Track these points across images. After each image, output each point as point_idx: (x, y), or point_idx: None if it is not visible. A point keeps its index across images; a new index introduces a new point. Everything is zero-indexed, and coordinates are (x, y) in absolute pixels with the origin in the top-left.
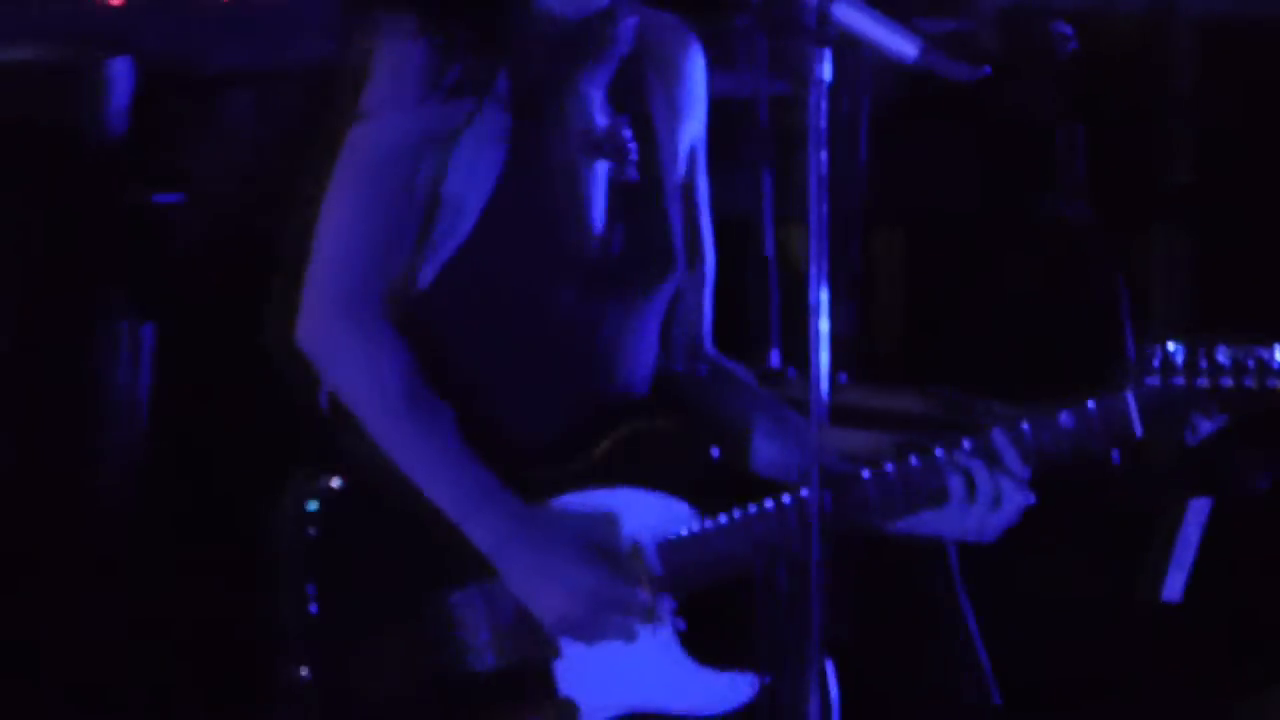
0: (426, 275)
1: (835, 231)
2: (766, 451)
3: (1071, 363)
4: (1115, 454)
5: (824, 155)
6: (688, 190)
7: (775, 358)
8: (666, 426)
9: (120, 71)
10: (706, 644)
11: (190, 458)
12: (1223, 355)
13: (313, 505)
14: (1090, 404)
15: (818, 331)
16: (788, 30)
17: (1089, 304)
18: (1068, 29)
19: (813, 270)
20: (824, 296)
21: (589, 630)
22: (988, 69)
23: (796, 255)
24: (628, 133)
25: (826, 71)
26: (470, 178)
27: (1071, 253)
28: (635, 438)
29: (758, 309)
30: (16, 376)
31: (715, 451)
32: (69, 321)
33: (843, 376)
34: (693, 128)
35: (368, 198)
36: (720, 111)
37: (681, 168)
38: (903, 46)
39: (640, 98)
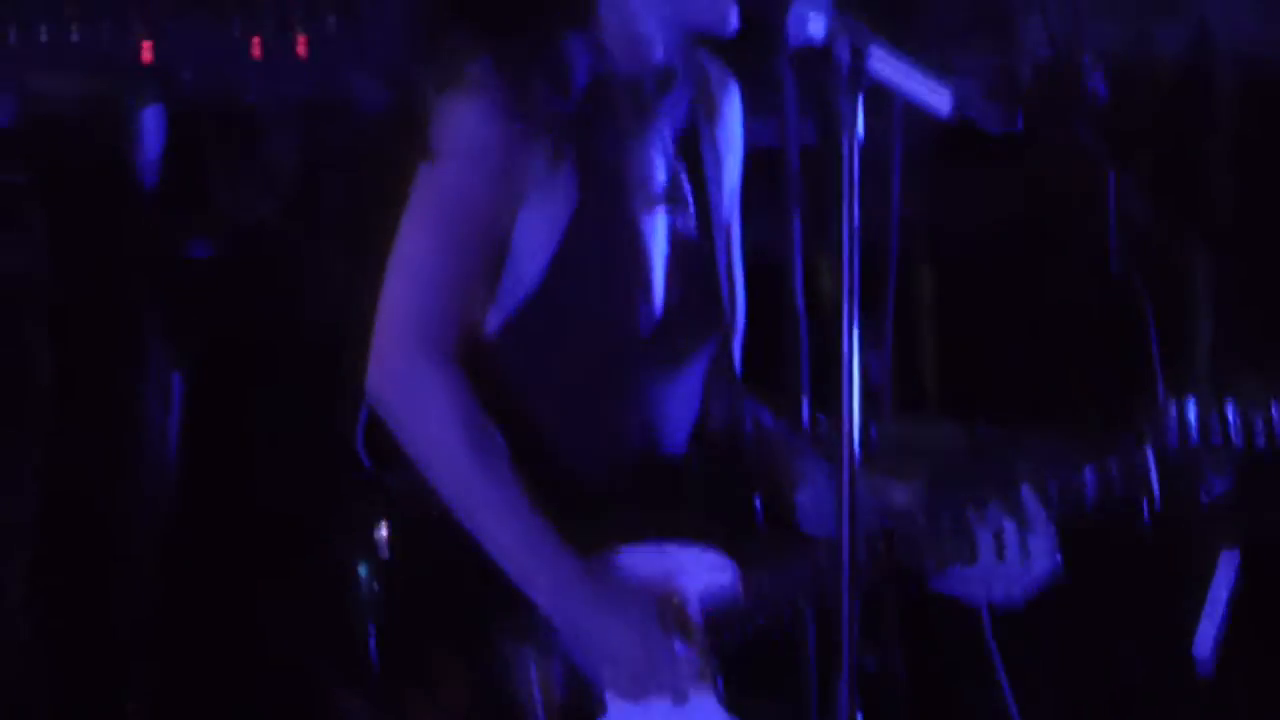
0: (494, 323)
1: (867, 278)
2: (809, 503)
3: (1103, 402)
4: (1144, 512)
5: (856, 203)
6: (727, 235)
7: (805, 406)
8: (711, 479)
9: (152, 122)
10: (745, 697)
11: (219, 505)
12: (1232, 413)
13: (365, 560)
14: (1112, 461)
15: (849, 379)
16: (821, 78)
17: (1121, 345)
18: (1099, 72)
19: (844, 317)
20: (855, 343)
21: (640, 689)
22: (1020, 121)
23: (827, 301)
24: (686, 183)
25: (859, 121)
26: (538, 228)
27: (1106, 293)
28: (682, 491)
29: (787, 356)
30: (51, 422)
31: (758, 503)
32: (101, 368)
33: (873, 428)
34: (733, 171)
35: (443, 241)
36: (751, 158)
37: (726, 213)
38: (937, 99)
39: (692, 144)
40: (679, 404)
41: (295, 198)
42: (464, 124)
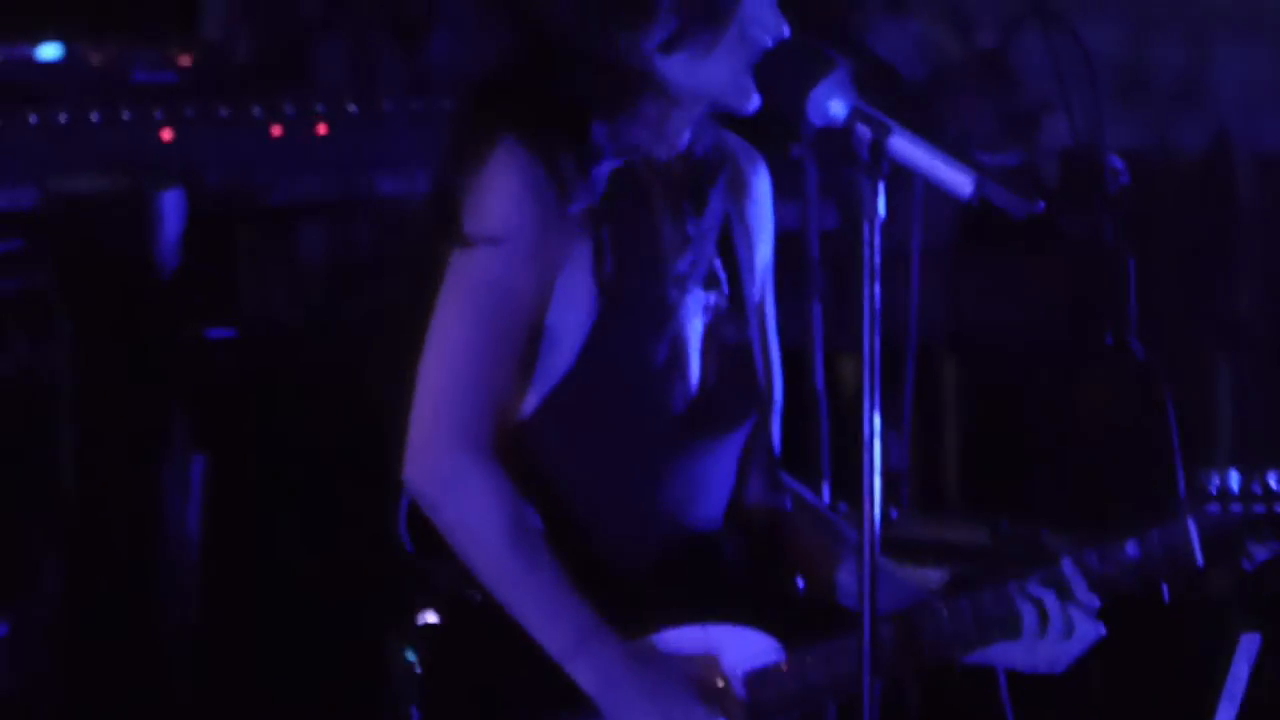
0: (530, 405)
1: (888, 363)
2: (850, 584)
3: (1123, 494)
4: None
5: (878, 288)
6: (761, 314)
7: (826, 491)
8: (752, 560)
9: (171, 204)
10: None
11: (241, 590)
12: (1275, 482)
13: (412, 646)
14: (1154, 533)
15: (870, 464)
16: (843, 162)
17: (1141, 435)
18: (1120, 163)
19: (865, 402)
20: (876, 429)
21: None
22: (1042, 204)
23: (849, 387)
24: (718, 262)
25: (881, 204)
26: (571, 311)
27: (1125, 384)
28: (722, 570)
29: (810, 441)
30: (74, 506)
31: (800, 583)
32: (124, 451)
33: (894, 513)
34: (765, 250)
35: (480, 330)
36: (776, 240)
37: (759, 291)
38: (958, 181)
39: (724, 224)
40: (715, 483)
41: (319, 286)
42: (496, 207)
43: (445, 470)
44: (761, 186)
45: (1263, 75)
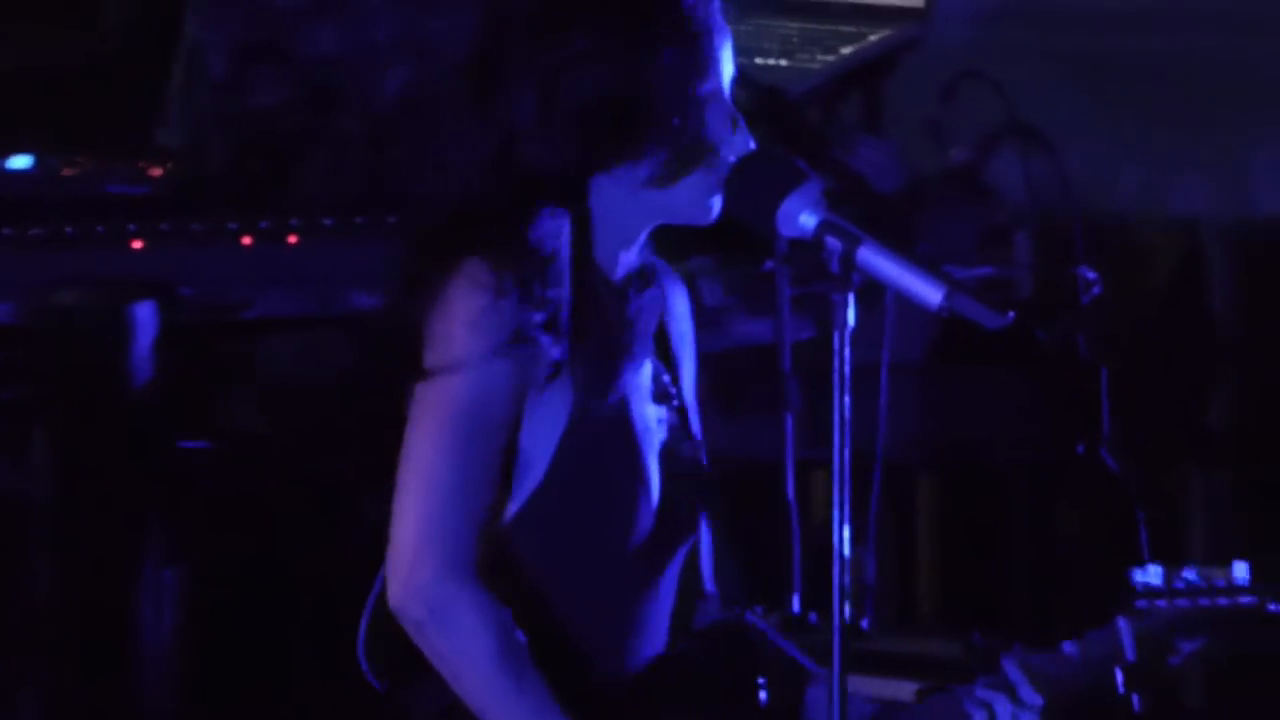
0: (507, 515)
1: (858, 476)
2: (819, 699)
3: (1096, 606)
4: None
5: (848, 400)
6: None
7: (796, 603)
8: (716, 674)
9: (144, 316)
10: None
11: (216, 704)
12: (1194, 575)
13: None
14: (1089, 633)
15: (839, 578)
16: (813, 275)
17: (1114, 547)
18: (1093, 275)
19: (835, 515)
20: (846, 542)
21: None
22: (1012, 315)
23: (821, 499)
24: (666, 378)
25: (850, 316)
26: (540, 429)
27: (1098, 496)
28: (691, 683)
29: (779, 553)
30: (48, 618)
31: (763, 696)
32: (98, 565)
33: (864, 623)
34: (690, 370)
35: (461, 454)
36: (746, 355)
37: (692, 408)
38: (928, 292)
39: (664, 344)
40: (665, 595)
41: (292, 399)
42: (467, 331)
43: (435, 599)
44: (681, 306)
45: (1236, 197)
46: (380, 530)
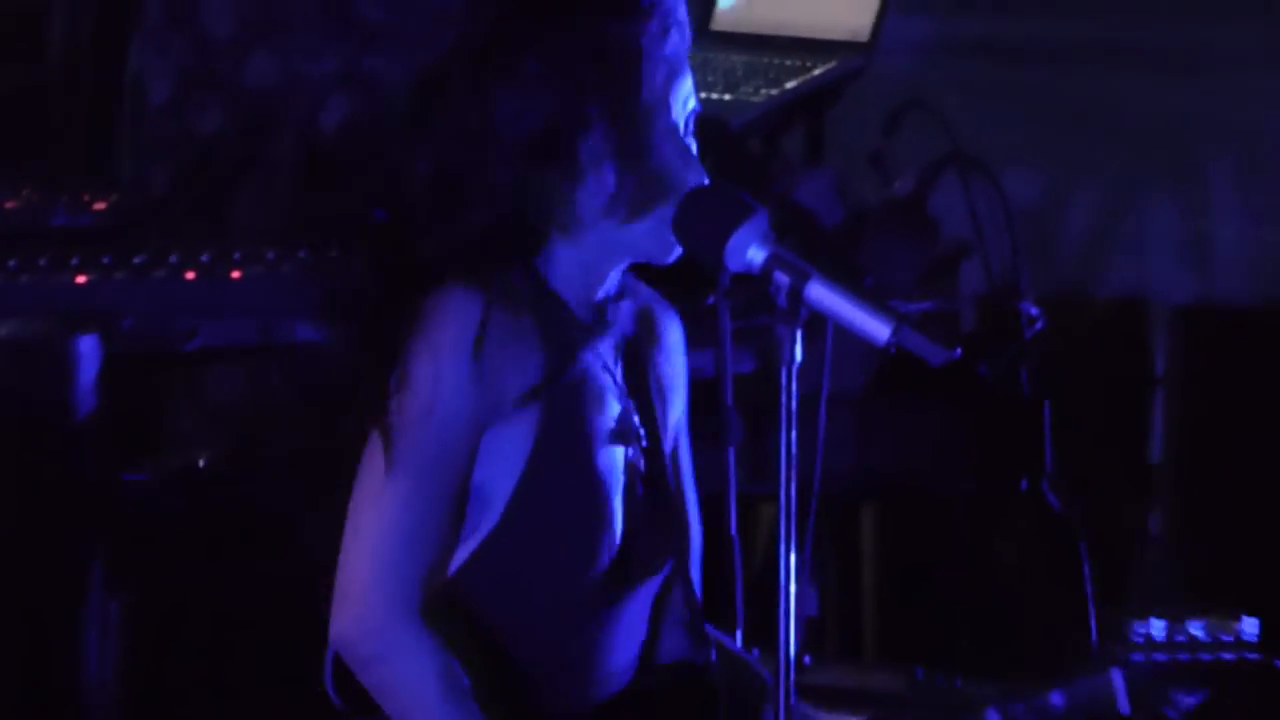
0: (457, 561)
1: (803, 510)
2: None
3: (1038, 641)
4: None
5: (794, 434)
6: (675, 465)
7: (739, 638)
8: (674, 712)
9: (87, 349)
10: None
11: None
12: (1199, 630)
13: None
14: (1079, 682)
15: (786, 611)
16: (759, 310)
17: (1056, 582)
18: (1036, 310)
19: (780, 549)
20: (791, 575)
21: None
22: (959, 351)
23: (764, 533)
24: (635, 417)
25: (798, 351)
26: (498, 465)
27: (1040, 531)
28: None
29: (722, 588)
30: None
31: None
32: (40, 596)
33: (807, 659)
34: (679, 403)
35: (412, 493)
36: (692, 388)
37: (672, 443)
38: (875, 327)
39: (641, 380)
40: (629, 633)
41: (236, 431)
42: (427, 363)
43: (383, 638)
44: (674, 339)
45: (1178, 229)
46: (325, 562)
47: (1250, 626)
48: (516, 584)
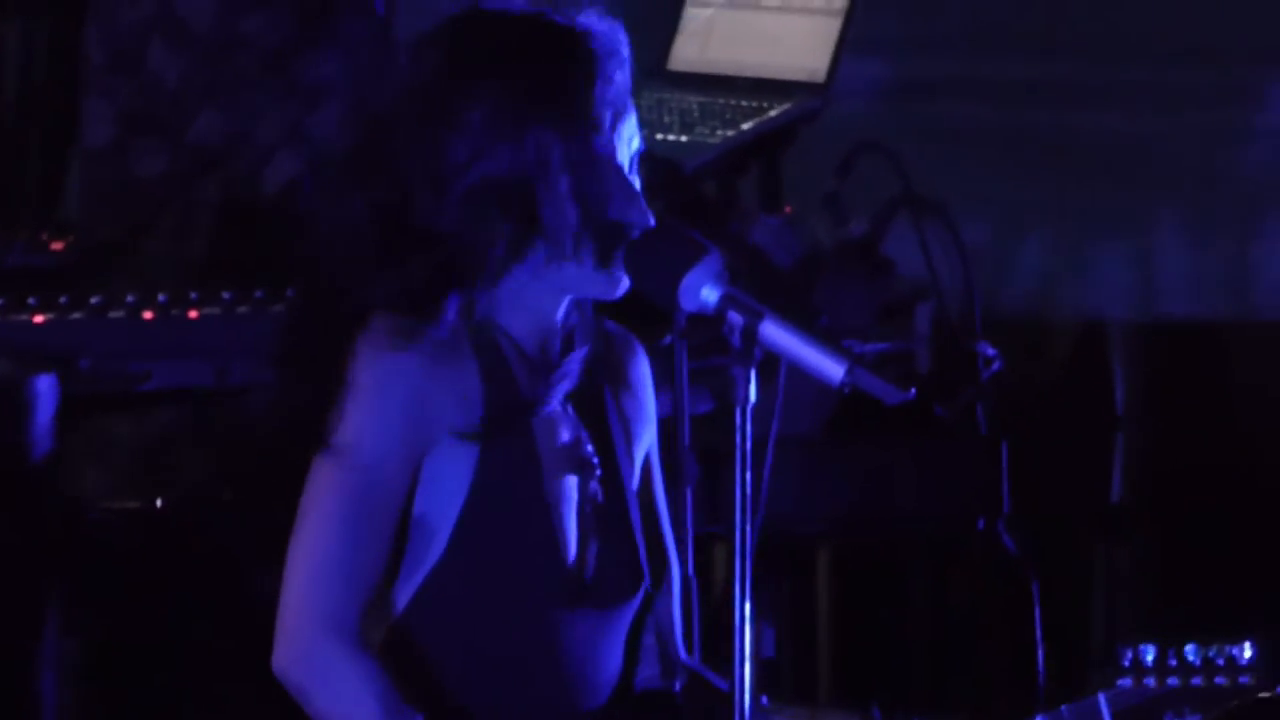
0: (401, 600)
1: (759, 550)
2: None
3: (993, 681)
4: None
5: (749, 474)
6: (645, 501)
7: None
8: None
9: (45, 388)
10: None
11: None
12: (1193, 654)
13: None
14: (1064, 709)
15: (740, 651)
16: (713, 350)
17: (1011, 623)
18: (992, 350)
19: (735, 589)
20: (747, 617)
21: None
22: (914, 391)
23: (717, 573)
24: (589, 448)
25: (752, 391)
26: (438, 499)
27: (995, 572)
28: None
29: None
30: None
31: None
32: None
33: (764, 699)
34: (646, 439)
35: (347, 516)
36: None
37: (637, 479)
38: (830, 366)
39: (598, 411)
40: (601, 666)
41: (193, 468)
42: (364, 392)
43: (315, 659)
44: (639, 373)
45: (1131, 264)
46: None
47: (1247, 651)
48: (468, 617)
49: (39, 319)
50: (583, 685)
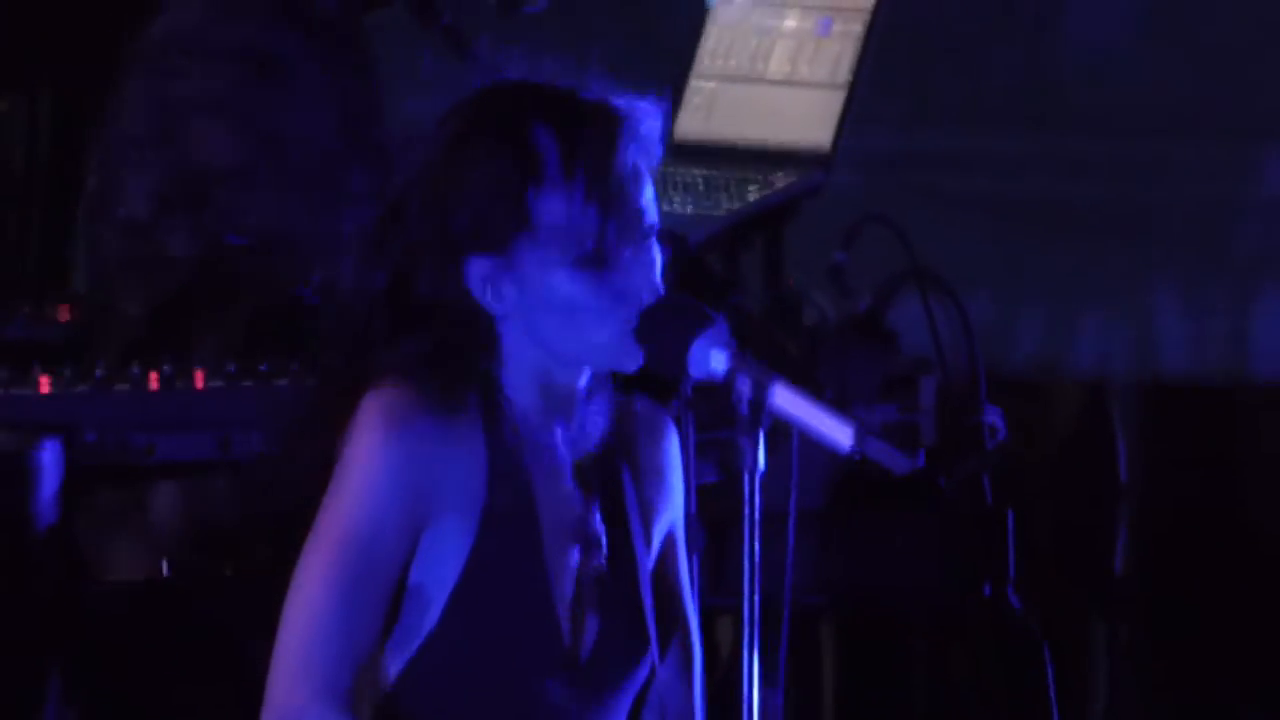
0: (394, 669)
1: (768, 621)
2: None
3: None
4: None
5: (758, 544)
6: (663, 578)
7: None
8: None
9: (49, 459)
10: None
11: None
12: None
13: None
14: None
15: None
16: (722, 419)
17: (1018, 692)
18: (998, 419)
19: (744, 659)
20: (755, 685)
21: None
22: (922, 459)
23: (724, 644)
24: (598, 520)
25: (761, 459)
26: (435, 569)
27: (1002, 640)
28: None
29: None
30: None
31: None
32: None
33: None
34: (668, 516)
35: (342, 583)
36: None
37: (655, 556)
38: (838, 435)
39: (612, 485)
40: None
41: (191, 543)
42: (363, 458)
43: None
44: (666, 453)
45: (1133, 330)
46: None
47: None
48: (459, 689)
49: (43, 390)
50: None
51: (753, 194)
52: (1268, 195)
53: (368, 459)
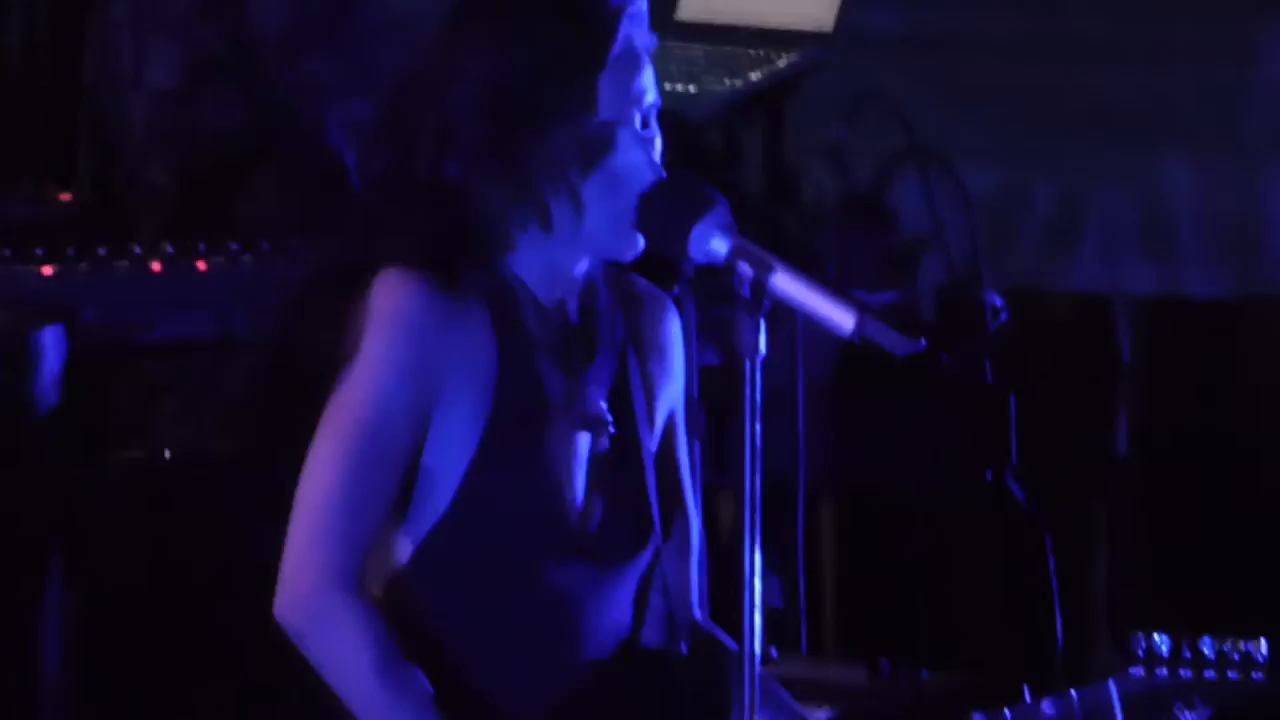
0: (405, 551)
1: (769, 503)
2: None
3: (1001, 634)
4: None
5: (759, 426)
6: (665, 459)
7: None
8: (644, 702)
9: (51, 341)
10: None
11: None
12: (1207, 647)
13: None
14: (1073, 693)
15: (750, 603)
16: (723, 300)
17: (1019, 576)
18: (999, 300)
19: (745, 542)
20: (757, 568)
21: None
22: (924, 341)
23: (726, 526)
24: (604, 404)
25: (762, 342)
26: (448, 449)
27: (1005, 527)
28: (615, 714)
29: None
30: None
31: None
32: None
33: (773, 651)
34: (670, 397)
35: (352, 465)
36: None
37: (658, 437)
38: (840, 317)
39: (617, 368)
40: (608, 619)
41: (199, 422)
42: (375, 342)
43: (313, 605)
44: (667, 333)
45: (1137, 221)
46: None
47: (1261, 646)
48: (469, 570)
49: (46, 270)
50: (584, 641)
51: (755, 71)
52: (1271, 77)
53: (377, 343)
